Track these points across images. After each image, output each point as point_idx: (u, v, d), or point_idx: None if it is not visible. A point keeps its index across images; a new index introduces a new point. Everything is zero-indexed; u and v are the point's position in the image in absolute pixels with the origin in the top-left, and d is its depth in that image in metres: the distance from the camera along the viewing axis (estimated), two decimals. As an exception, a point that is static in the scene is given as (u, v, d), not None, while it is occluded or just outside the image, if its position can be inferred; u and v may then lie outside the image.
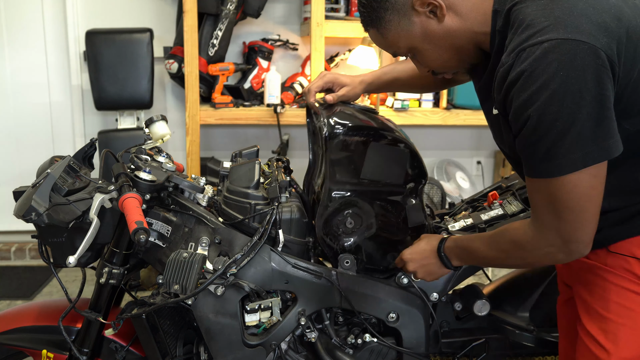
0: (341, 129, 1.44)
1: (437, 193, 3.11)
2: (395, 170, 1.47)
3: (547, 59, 0.98)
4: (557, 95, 0.97)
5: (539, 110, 1.00)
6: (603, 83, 0.98)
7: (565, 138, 0.99)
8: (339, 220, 1.47)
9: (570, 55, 0.97)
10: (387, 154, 1.46)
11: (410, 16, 1.18)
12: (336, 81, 1.61)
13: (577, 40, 0.97)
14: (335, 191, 1.46)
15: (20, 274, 3.37)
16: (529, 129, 1.02)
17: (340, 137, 1.43)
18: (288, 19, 3.58)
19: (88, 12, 3.48)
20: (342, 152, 1.44)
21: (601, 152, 1.00)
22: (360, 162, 1.45)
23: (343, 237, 1.48)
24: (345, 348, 1.52)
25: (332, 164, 1.44)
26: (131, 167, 1.43)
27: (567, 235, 1.07)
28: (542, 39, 1.00)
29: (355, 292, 1.47)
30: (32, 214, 1.26)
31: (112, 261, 1.43)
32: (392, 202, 1.49)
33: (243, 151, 1.69)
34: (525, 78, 1.01)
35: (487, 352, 1.59)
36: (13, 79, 3.55)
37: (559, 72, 0.97)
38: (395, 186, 1.48)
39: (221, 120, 3.17)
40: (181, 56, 3.12)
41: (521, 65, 1.01)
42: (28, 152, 3.60)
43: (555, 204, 1.06)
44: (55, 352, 1.52)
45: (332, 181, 1.46)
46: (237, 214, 1.44)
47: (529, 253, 1.15)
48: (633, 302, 1.16)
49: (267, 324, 1.44)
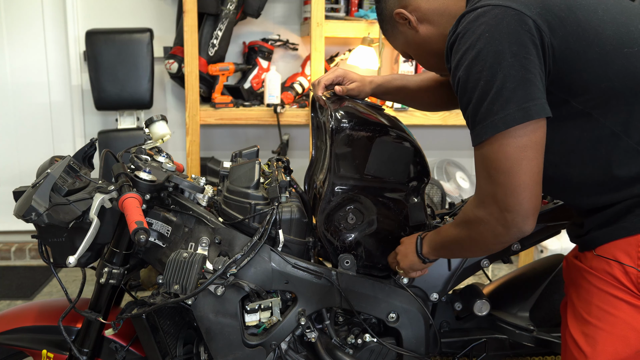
0: (347, 123, 1.43)
1: (437, 193, 3.11)
2: (399, 168, 1.47)
3: (477, 22, 1.06)
4: (481, 55, 1.04)
5: (466, 70, 1.07)
6: (526, 47, 1.02)
7: (486, 99, 1.03)
8: (341, 215, 1.47)
9: (498, 19, 1.04)
10: (392, 151, 1.46)
11: (397, 27, 1.34)
12: (347, 76, 1.62)
13: (507, 6, 1.04)
14: (339, 186, 1.46)
15: (20, 274, 3.37)
16: (460, 90, 1.09)
17: (347, 131, 1.43)
18: (288, 19, 3.58)
19: (88, 12, 3.49)
20: (347, 147, 1.44)
21: (523, 113, 1.02)
22: (364, 157, 1.44)
23: (344, 232, 1.48)
24: (345, 348, 1.52)
25: (336, 157, 1.44)
26: (131, 167, 1.43)
27: (501, 202, 1.07)
28: (478, 5, 1.09)
29: (355, 292, 1.47)
30: (32, 214, 1.26)
31: (112, 261, 1.43)
32: (394, 200, 1.49)
33: (243, 151, 1.69)
34: (458, 40, 1.09)
35: (487, 352, 1.59)
36: (13, 79, 3.55)
37: (485, 34, 1.04)
38: (398, 184, 1.48)
39: (221, 120, 3.17)
40: (181, 56, 3.12)
41: (458, 29, 1.10)
42: (28, 152, 3.60)
43: (488, 169, 1.07)
44: (55, 352, 1.52)
45: (335, 175, 1.45)
46: (237, 214, 1.44)
47: (473, 225, 1.16)
48: (613, 306, 1.14)
49: (267, 324, 1.44)
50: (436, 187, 3.11)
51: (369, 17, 3.17)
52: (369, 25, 3.14)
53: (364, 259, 1.50)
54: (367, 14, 3.20)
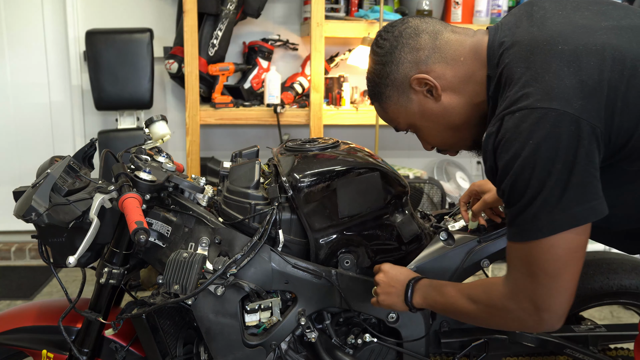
0: (301, 182, 1.41)
1: (437, 193, 3.11)
2: (372, 197, 1.45)
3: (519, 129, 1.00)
4: (528, 164, 0.99)
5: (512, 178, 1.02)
6: (573, 149, 0.97)
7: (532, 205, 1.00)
8: (335, 262, 1.47)
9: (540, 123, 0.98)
10: (357, 185, 1.44)
11: (409, 94, 1.19)
12: (480, 188, 1.56)
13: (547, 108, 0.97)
14: (320, 239, 1.45)
15: (20, 274, 3.37)
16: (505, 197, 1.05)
17: (305, 190, 1.41)
18: (288, 19, 3.58)
19: (88, 12, 3.48)
20: (312, 203, 1.42)
21: (569, 219, 0.99)
22: (334, 204, 1.43)
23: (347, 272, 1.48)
24: (345, 348, 1.52)
25: (307, 216, 1.43)
26: (131, 167, 1.43)
27: (540, 301, 1.05)
28: (514, 108, 1.01)
29: (355, 292, 1.47)
30: (32, 214, 1.26)
31: (112, 261, 1.42)
32: (381, 226, 1.48)
33: (243, 151, 1.69)
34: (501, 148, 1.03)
35: (487, 352, 1.59)
36: (13, 79, 3.55)
37: (528, 141, 0.98)
38: (377, 210, 1.47)
39: (221, 120, 3.17)
40: (181, 56, 3.12)
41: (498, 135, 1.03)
42: (28, 152, 3.60)
43: (531, 267, 1.05)
44: (55, 352, 1.52)
45: (313, 231, 1.44)
46: (237, 214, 1.44)
47: (498, 312, 1.13)
48: None
49: (267, 324, 1.44)
50: (436, 187, 3.11)
51: (369, 17, 3.17)
52: (369, 25, 3.14)
53: None
54: (367, 14, 3.20)
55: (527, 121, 0.99)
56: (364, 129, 3.44)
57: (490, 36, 1.15)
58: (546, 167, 0.98)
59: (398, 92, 1.20)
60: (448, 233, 1.53)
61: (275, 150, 1.61)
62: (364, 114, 3.25)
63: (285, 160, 1.50)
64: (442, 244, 1.51)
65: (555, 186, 0.98)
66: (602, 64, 0.99)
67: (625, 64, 0.99)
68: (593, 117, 0.97)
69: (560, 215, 0.99)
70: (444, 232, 1.53)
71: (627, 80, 0.99)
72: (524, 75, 1.03)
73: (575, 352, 1.56)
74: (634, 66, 0.99)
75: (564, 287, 1.04)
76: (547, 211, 0.99)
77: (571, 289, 1.04)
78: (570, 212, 0.99)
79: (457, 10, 3.31)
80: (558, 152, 0.97)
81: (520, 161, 1.00)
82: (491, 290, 1.14)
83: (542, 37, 1.05)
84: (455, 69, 1.15)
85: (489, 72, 1.13)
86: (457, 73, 1.15)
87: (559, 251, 1.01)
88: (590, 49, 1.01)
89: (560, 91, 0.98)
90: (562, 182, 0.98)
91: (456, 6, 3.30)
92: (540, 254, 1.02)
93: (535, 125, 0.98)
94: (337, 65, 3.49)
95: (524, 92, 1.01)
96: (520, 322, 1.10)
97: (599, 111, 0.98)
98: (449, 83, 1.16)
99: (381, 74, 1.21)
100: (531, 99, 1.00)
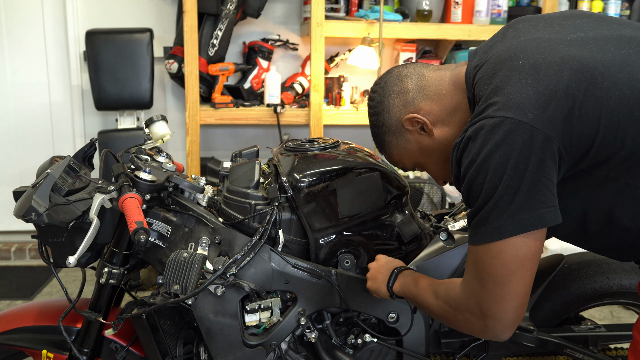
0: (301, 182, 1.41)
1: (437, 193, 3.11)
2: (372, 197, 1.46)
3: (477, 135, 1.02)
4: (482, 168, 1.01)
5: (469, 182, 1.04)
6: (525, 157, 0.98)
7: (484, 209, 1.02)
8: (335, 262, 1.47)
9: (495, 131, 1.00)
10: (358, 185, 1.44)
11: (405, 135, 1.26)
12: None
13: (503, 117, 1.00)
14: (320, 239, 1.45)
15: (20, 274, 3.37)
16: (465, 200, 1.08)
17: (305, 190, 1.41)
18: (288, 19, 3.58)
19: (88, 12, 3.48)
20: (312, 203, 1.42)
21: (516, 225, 1.00)
22: (334, 204, 1.43)
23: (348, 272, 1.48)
24: (345, 348, 1.52)
25: (307, 216, 1.43)
26: (131, 167, 1.43)
27: (485, 307, 1.06)
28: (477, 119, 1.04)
29: (355, 292, 1.47)
30: (32, 214, 1.26)
31: (112, 261, 1.43)
32: (381, 226, 1.49)
33: (243, 151, 1.69)
34: (463, 155, 1.06)
35: (487, 352, 1.59)
36: (13, 79, 3.55)
37: (484, 147, 1.01)
38: (377, 210, 1.48)
39: (221, 120, 3.17)
40: (181, 56, 3.12)
41: (461, 144, 1.07)
42: (28, 152, 3.60)
43: (480, 271, 1.06)
44: (55, 352, 1.52)
45: (313, 231, 1.44)
46: (237, 214, 1.44)
47: (452, 311, 1.14)
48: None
49: (267, 324, 1.44)
50: (436, 187, 3.11)
51: (369, 17, 3.17)
52: (369, 25, 3.14)
53: None
54: (367, 14, 3.20)
55: (484, 128, 1.02)
56: (364, 129, 3.43)
57: (468, 63, 1.19)
58: (498, 172, 1.00)
59: (396, 136, 1.27)
60: (448, 233, 1.53)
61: (275, 150, 1.61)
62: (364, 114, 3.25)
63: (285, 160, 1.50)
64: (442, 244, 1.51)
65: (506, 192, 0.99)
66: (560, 75, 1.01)
67: (583, 73, 1.01)
68: (547, 126, 0.99)
69: (509, 220, 1.00)
70: (444, 232, 1.53)
71: (584, 89, 1.00)
72: (488, 89, 1.07)
73: (575, 352, 1.56)
74: (592, 75, 1.01)
75: (511, 295, 1.04)
76: (497, 216, 1.01)
77: (519, 298, 1.04)
78: (517, 218, 1.00)
79: (457, 10, 3.30)
80: (510, 159, 0.99)
81: (475, 165, 1.02)
82: (451, 290, 1.16)
83: (506, 54, 1.09)
84: (440, 102, 1.21)
85: (469, 95, 1.16)
86: (443, 106, 1.21)
87: (506, 257, 1.02)
88: (549, 61, 1.04)
89: (516, 101, 1.01)
90: (512, 189, 0.99)
91: (456, 6, 3.30)
92: (489, 258, 1.03)
93: (490, 133, 1.01)
94: (337, 65, 3.49)
95: (487, 103, 1.05)
96: (468, 325, 1.12)
97: (554, 120, 0.99)
98: (437, 117, 1.21)
99: (378, 124, 1.29)
100: (490, 109, 1.03)
